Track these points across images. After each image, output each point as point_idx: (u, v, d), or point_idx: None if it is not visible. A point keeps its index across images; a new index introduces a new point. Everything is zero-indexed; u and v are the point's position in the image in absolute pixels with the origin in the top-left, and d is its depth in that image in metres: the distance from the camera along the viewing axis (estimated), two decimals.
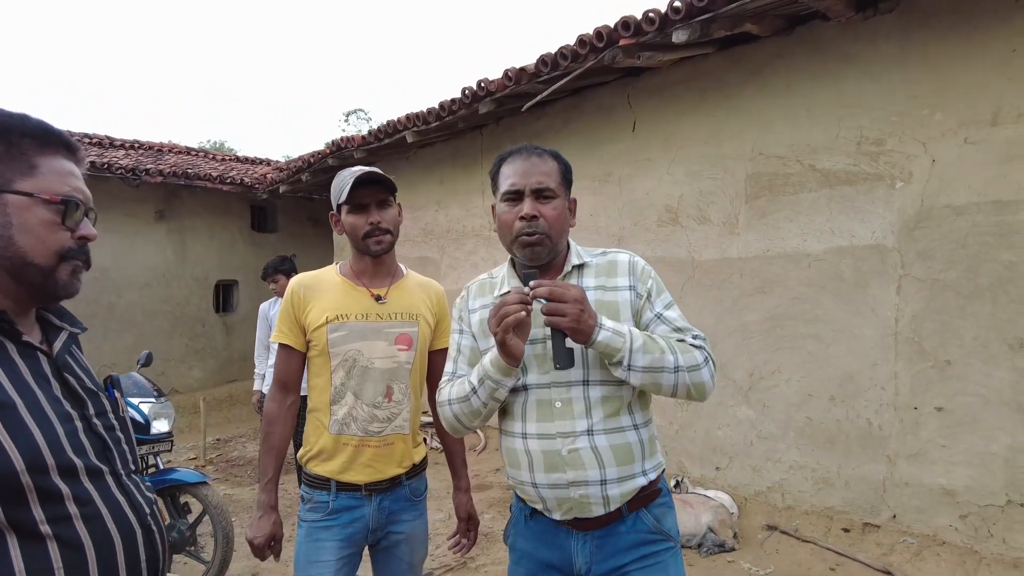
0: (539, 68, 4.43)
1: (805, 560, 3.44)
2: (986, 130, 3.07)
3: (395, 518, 1.81)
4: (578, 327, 1.27)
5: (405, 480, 1.83)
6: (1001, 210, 3.02)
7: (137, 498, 1.05)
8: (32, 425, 0.92)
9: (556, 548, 1.45)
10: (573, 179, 1.54)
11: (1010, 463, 3.00)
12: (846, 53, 3.54)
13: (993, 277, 3.05)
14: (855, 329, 3.54)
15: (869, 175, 3.46)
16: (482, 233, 6.23)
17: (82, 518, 0.95)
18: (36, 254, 0.98)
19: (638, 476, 1.42)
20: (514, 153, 1.49)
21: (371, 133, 6.61)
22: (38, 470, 0.90)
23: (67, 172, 1.02)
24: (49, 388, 0.99)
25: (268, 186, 9.02)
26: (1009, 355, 3.01)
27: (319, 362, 1.80)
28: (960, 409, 3.17)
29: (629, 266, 1.49)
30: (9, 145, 0.97)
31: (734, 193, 4.08)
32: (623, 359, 1.32)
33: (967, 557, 3.10)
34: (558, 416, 1.39)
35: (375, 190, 1.78)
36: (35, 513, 0.90)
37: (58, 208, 0.99)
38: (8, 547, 0.88)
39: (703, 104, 4.25)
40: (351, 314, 1.78)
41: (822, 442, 3.68)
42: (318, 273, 1.90)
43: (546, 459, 1.39)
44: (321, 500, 1.77)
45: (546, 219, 1.42)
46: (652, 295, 1.47)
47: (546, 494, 1.40)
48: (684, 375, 1.35)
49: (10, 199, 0.96)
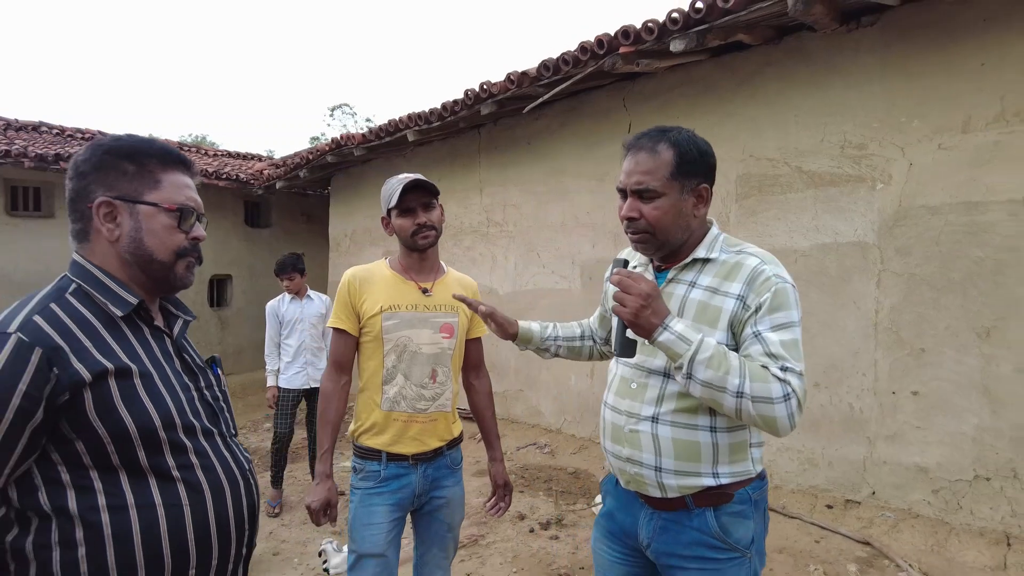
0: (541, 72, 4.64)
1: (792, 535, 3.71)
2: (958, 137, 3.34)
3: (438, 484, 2.04)
4: (636, 321, 1.29)
5: (446, 451, 2.07)
6: (971, 210, 3.30)
7: (239, 456, 1.27)
8: (164, 392, 1.14)
9: (630, 514, 1.53)
10: (696, 166, 1.44)
11: (977, 441, 3.29)
12: (831, 63, 3.80)
13: (964, 272, 3.33)
14: (838, 320, 3.81)
15: (852, 177, 3.73)
16: (480, 229, 6.43)
17: (201, 468, 1.16)
18: (159, 252, 1.19)
19: (704, 476, 1.41)
20: (632, 145, 1.47)
21: (371, 131, 6.76)
22: (169, 427, 1.12)
23: (183, 185, 1.23)
24: (173, 364, 1.22)
25: (264, 182, 9.13)
26: (977, 343, 3.29)
27: (372, 347, 2.02)
28: (934, 393, 3.45)
29: (751, 274, 1.39)
30: (140, 166, 1.18)
31: (725, 193, 4.33)
32: (683, 366, 1.29)
33: (938, 528, 3.38)
34: (631, 396, 1.47)
35: (420, 195, 2.00)
36: (168, 461, 1.12)
37: (175, 215, 1.20)
38: (149, 485, 1.09)
39: (696, 108, 4.49)
40: (402, 304, 2.01)
41: (808, 426, 3.95)
42: (370, 267, 2.12)
43: (613, 430, 1.50)
44: (372, 470, 1.99)
45: (647, 219, 1.41)
46: (761, 310, 1.36)
47: (611, 461, 1.53)
48: (748, 403, 1.27)
49: (140, 208, 1.18)
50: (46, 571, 1.03)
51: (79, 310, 1.10)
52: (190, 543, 1.12)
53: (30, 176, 8.36)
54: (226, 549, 1.19)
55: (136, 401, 1.09)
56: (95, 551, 1.04)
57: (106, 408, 1.05)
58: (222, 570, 1.19)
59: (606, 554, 1.61)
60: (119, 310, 1.14)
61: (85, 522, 1.04)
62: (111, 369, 1.07)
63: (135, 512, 1.07)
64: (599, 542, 1.64)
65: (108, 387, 1.06)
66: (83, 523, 1.04)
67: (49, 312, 1.07)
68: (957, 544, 3.28)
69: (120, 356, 1.10)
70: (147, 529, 1.07)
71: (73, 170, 1.18)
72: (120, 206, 1.16)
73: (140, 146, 1.20)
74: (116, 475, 1.07)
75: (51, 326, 1.05)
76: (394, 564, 1.99)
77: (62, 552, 1.03)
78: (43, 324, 1.04)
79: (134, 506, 1.07)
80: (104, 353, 1.08)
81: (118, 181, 1.17)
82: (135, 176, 1.18)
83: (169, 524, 1.09)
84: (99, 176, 1.17)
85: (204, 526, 1.14)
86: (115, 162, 1.17)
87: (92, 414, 1.04)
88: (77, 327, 1.08)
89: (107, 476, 1.06)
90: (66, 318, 1.08)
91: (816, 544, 3.57)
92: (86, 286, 1.14)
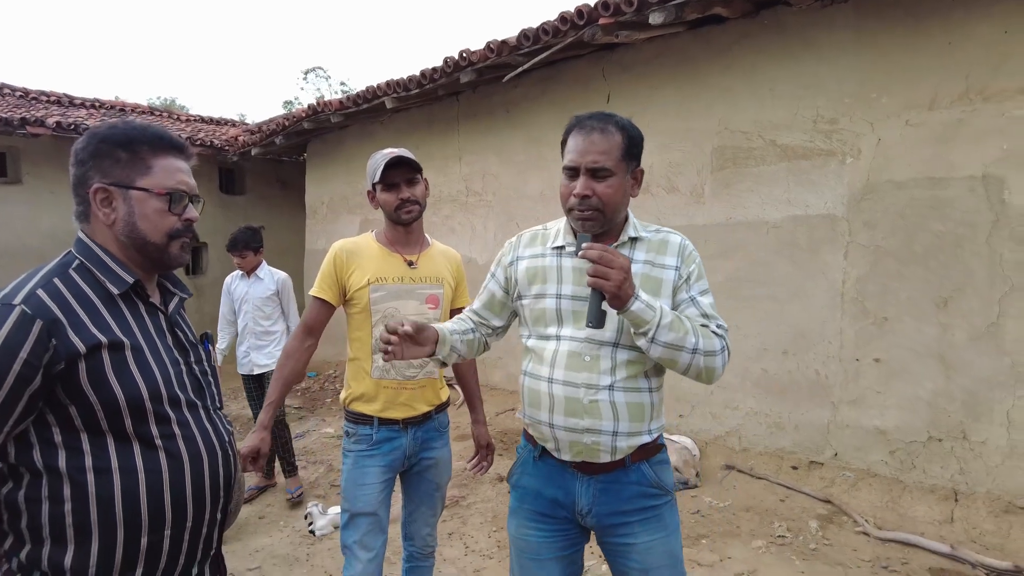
0: (521, 41, 4.64)
1: (758, 494, 3.90)
2: (925, 113, 3.45)
3: (427, 445, 2.16)
4: (618, 293, 1.36)
5: (434, 415, 2.17)
6: (935, 186, 3.43)
7: (220, 428, 1.35)
8: (154, 366, 1.22)
9: (562, 488, 1.58)
10: (638, 149, 1.56)
11: (932, 405, 3.48)
12: (806, 38, 3.87)
13: (926, 244, 3.47)
14: (807, 290, 3.95)
15: (823, 151, 3.83)
16: (459, 199, 6.45)
17: (182, 438, 1.24)
18: (152, 235, 1.26)
19: (644, 434, 1.54)
20: (580, 125, 1.53)
21: (349, 98, 6.69)
22: (156, 399, 1.20)
23: (175, 169, 1.28)
24: (165, 339, 1.30)
25: (239, 148, 8.99)
26: (936, 313, 3.46)
27: (360, 318, 2.10)
28: (894, 360, 3.62)
29: (679, 248, 1.58)
30: (133, 153, 1.24)
31: (701, 165, 4.41)
32: (649, 331, 1.41)
33: (893, 486, 3.59)
34: (586, 368, 1.52)
35: (403, 170, 2.06)
36: (152, 429, 1.20)
37: (165, 199, 1.26)
38: (133, 451, 1.18)
39: (673, 80, 4.53)
40: (389, 277, 2.08)
41: (776, 391, 4.12)
42: (357, 240, 2.19)
43: (567, 404, 1.52)
44: (364, 433, 2.08)
45: (599, 196, 1.48)
46: (692, 279, 1.56)
47: (560, 435, 1.54)
48: (700, 358, 1.44)
49: (133, 194, 1.24)
50: (35, 523, 1.13)
51: (80, 286, 1.18)
52: (166, 506, 1.20)
53: None
54: (200, 513, 1.27)
55: (126, 373, 1.17)
56: (79, 507, 1.12)
57: (98, 378, 1.13)
58: (196, 532, 1.27)
59: (535, 536, 1.63)
60: (116, 288, 1.22)
61: (72, 480, 1.12)
62: (104, 343, 1.15)
63: (118, 475, 1.15)
64: (524, 528, 1.65)
65: (101, 359, 1.14)
66: (71, 481, 1.12)
67: (52, 287, 1.15)
68: (910, 500, 3.49)
69: (114, 331, 1.18)
70: (127, 491, 1.15)
71: (74, 157, 1.25)
72: (115, 192, 1.23)
73: (132, 133, 1.26)
74: (104, 439, 1.15)
75: (52, 300, 1.13)
76: (385, 522, 2.11)
77: (50, 506, 1.12)
78: (45, 298, 1.12)
79: (117, 469, 1.15)
80: (100, 327, 1.16)
81: (112, 168, 1.23)
82: (128, 163, 1.24)
83: (148, 488, 1.18)
84: (95, 163, 1.23)
85: (180, 491, 1.22)
86: (109, 150, 1.23)
87: (85, 383, 1.12)
88: (76, 302, 1.16)
89: (95, 440, 1.14)
90: (67, 293, 1.16)
91: (781, 503, 3.77)
92: (88, 263, 1.22)
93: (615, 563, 1.61)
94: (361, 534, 2.05)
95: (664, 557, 1.55)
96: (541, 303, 1.60)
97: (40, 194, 8.49)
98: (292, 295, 4.51)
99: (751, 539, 3.37)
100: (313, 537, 3.64)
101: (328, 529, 3.67)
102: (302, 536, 3.67)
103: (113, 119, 1.36)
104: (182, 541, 1.25)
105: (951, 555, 3.04)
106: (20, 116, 7.83)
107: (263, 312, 4.33)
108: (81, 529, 1.13)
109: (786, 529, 3.43)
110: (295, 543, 3.59)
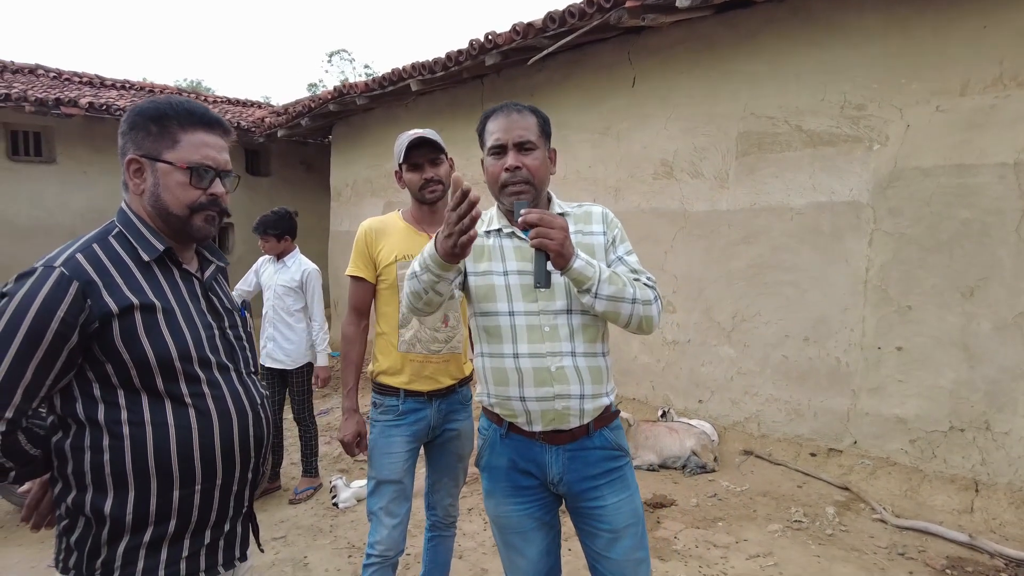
0: (547, 24, 4.64)
1: (776, 479, 3.92)
2: (955, 99, 3.40)
3: (451, 418, 2.22)
4: (562, 251, 1.45)
5: (458, 388, 2.24)
6: (962, 173, 3.38)
7: (252, 390, 1.41)
8: (184, 328, 1.29)
9: (532, 460, 1.65)
10: (552, 131, 1.71)
11: (954, 395, 3.46)
12: (834, 22, 3.82)
13: (951, 232, 3.44)
14: (829, 277, 3.94)
15: (849, 137, 3.79)
16: (480, 181, 6.44)
17: (211, 397, 1.30)
18: (174, 207, 1.30)
19: (603, 396, 1.65)
20: (497, 111, 1.65)
21: (374, 80, 6.73)
22: (185, 359, 1.27)
23: (202, 144, 1.31)
24: (198, 304, 1.36)
25: (266, 130, 9.09)
26: (960, 301, 3.43)
27: (388, 294, 2.18)
28: (916, 349, 3.60)
29: (602, 216, 1.71)
30: (163, 127, 1.29)
31: (726, 150, 4.39)
32: (592, 287, 1.51)
33: (913, 475, 3.59)
34: (548, 338, 1.60)
35: (426, 151, 2.13)
36: (182, 388, 1.26)
37: (187, 173, 1.29)
38: (164, 407, 1.25)
39: (699, 65, 4.50)
40: (415, 254, 2.11)
41: (795, 378, 4.12)
42: (385, 219, 2.26)
43: (536, 375, 1.59)
44: (391, 404, 2.16)
45: (528, 169, 1.59)
46: (616, 241, 1.69)
47: (532, 407, 1.60)
48: (639, 307, 1.56)
49: (159, 166, 1.29)
50: (79, 468, 1.22)
51: (117, 251, 1.26)
52: (196, 461, 1.26)
53: (30, 121, 8.33)
54: (230, 470, 1.32)
55: (157, 334, 1.23)
56: (116, 457, 1.21)
57: (130, 338, 1.21)
58: (227, 489, 1.33)
59: (515, 512, 1.68)
60: (148, 254, 1.28)
61: (111, 432, 1.21)
62: (136, 304, 1.22)
63: (150, 428, 1.23)
64: (503, 506, 1.69)
65: (133, 319, 1.21)
66: (109, 433, 1.21)
67: (90, 251, 1.23)
68: (929, 489, 3.49)
69: (147, 293, 1.25)
70: (159, 444, 1.23)
71: (119, 130, 1.33)
72: (145, 163, 1.29)
73: (165, 108, 1.30)
74: (138, 396, 1.23)
75: (89, 263, 1.21)
76: (409, 489, 2.19)
77: (91, 455, 1.21)
78: (83, 261, 1.20)
79: (150, 423, 1.23)
80: (133, 290, 1.23)
81: (144, 140, 1.29)
82: (157, 136, 1.29)
83: (178, 441, 1.24)
84: (132, 135, 1.30)
85: (210, 448, 1.28)
86: (143, 123, 1.29)
87: (119, 342, 1.20)
88: (112, 266, 1.23)
89: (131, 396, 1.23)
90: (104, 257, 1.23)
91: (798, 489, 3.79)
92: (125, 231, 1.29)
93: (585, 528, 1.69)
94: (387, 501, 2.13)
95: (630, 516, 1.66)
96: (488, 279, 1.65)
97: (72, 174, 8.69)
98: (319, 290, 4.21)
99: (767, 523, 3.40)
100: (336, 509, 3.74)
101: (351, 502, 3.76)
102: (326, 508, 3.78)
103: (163, 95, 1.40)
104: (212, 497, 1.30)
105: (969, 544, 3.04)
106: (54, 97, 8.00)
107: (283, 302, 4.10)
108: (119, 477, 1.21)
109: (803, 514, 3.45)
110: (319, 515, 3.70)
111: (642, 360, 4.99)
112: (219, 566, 1.35)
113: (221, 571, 1.35)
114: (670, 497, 3.73)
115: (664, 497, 3.73)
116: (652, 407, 4.87)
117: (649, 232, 4.78)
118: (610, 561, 1.65)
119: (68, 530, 1.24)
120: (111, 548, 1.22)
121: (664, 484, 3.93)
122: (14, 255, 7.92)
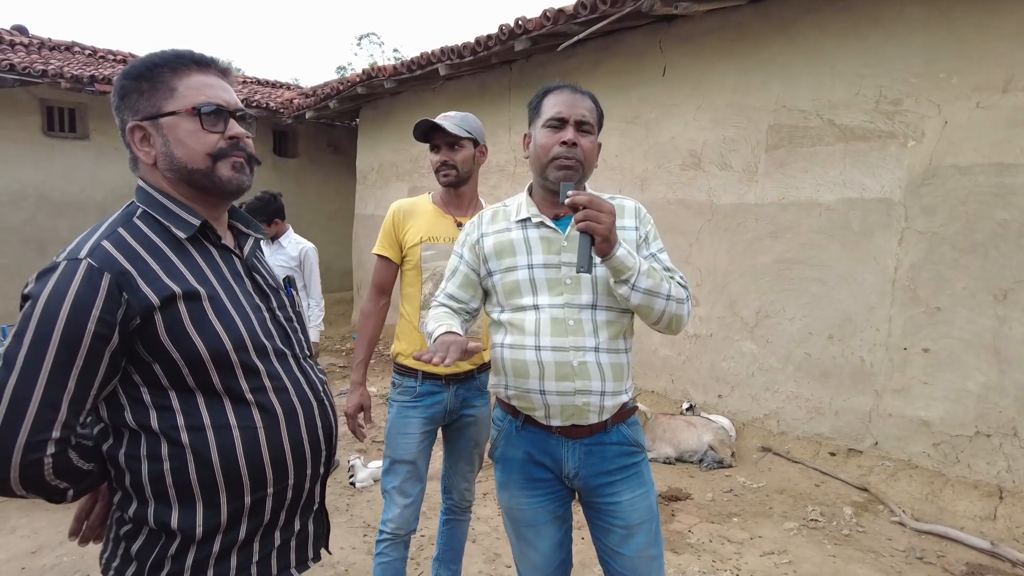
0: (578, 10, 4.58)
1: (793, 477, 3.89)
2: (997, 96, 3.30)
3: (468, 403, 2.23)
4: (609, 236, 1.42)
5: (476, 374, 2.24)
6: (1002, 172, 3.29)
7: (312, 377, 1.27)
8: (234, 314, 1.14)
9: (548, 453, 1.63)
10: (603, 122, 1.69)
11: (982, 399, 3.39)
12: (873, 14, 3.72)
13: (987, 233, 3.35)
14: (857, 275, 3.86)
15: (883, 133, 3.70)
16: (506, 168, 6.46)
17: (273, 390, 1.16)
18: (192, 160, 1.14)
19: (622, 393, 1.62)
20: (560, 87, 1.62)
21: (402, 64, 6.72)
22: (241, 349, 1.12)
23: (201, 84, 1.15)
24: (243, 284, 1.20)
25: (294, 111, 9.14)
26: (993, 305, 3.34)
27: (412, 275, 2.20)
28: (944, 351, 3.53)
29: (635, 211, 1.68)
30: (153, 80, 1.14)
31: (755, 142, 4.32)
32: (630, 278, 1.48)
33: (935, 479, 3.52)
34: (571, 332, 1.57)
35: (442, 134, 2.13)
36: (241, 383, 1.12)
37: (195, 116, 1.13)
38: (224, 407, 1.11)
39: (732, 54, 4.42)
40: (440, 237, 2.16)
41: (818, 376, 4.06)
42: (415, 200, 2.28)
43: (558, 369, 1.56)
44: (409, 386, 2.17)
45: (583, 149, 1.56)
46: (650, 238, 1.66)
47: (552, 400, 1.57)
48: (672, 305, 1.54)
49: (163, 122, 1.13)
50: (136, 481, 1.08)
51: (146, 234, 1.10)
52: (266, 464, 1.13)
53: (65, 97, 8.47)
54: (302, 470, 1.20)
55: (206, 324, 1.09)
56: (179, 466, 1.07)
57: (177, 331, 1.06)
58: (298, 490, 1.21)
59: (528, 505, 1.67)
60: (183, 232, 1.13)
61: (169, 439, 1.07)
62: (179, 293, 1.07)
63: (212, 432, 1.09)
64: (516, 498, 1.68)
65: (177, 311, 1.07)
66: (167, 440, 1.07)
67: (117, 237, 1.07)
68: (951, 494, 3.43)
69: (188, 279, 1.10)
70: (224, 450, 1.09)
71: (112, 107, 1.18)
72: (147, 126, 1.14)
73: (150, 60, 1.15)
74: (193, 396, 1.09)
75: (119, 250, 1.05)
76: (423, 470, 2.21)
77: (149, 465, 1.07)
78: (111, 248, 1.05)
79: (211, 427, 1.09)
80: (172, 276, 1.08)
81: (139, 102, 1.14)
82: (151, 92, 1.14)
83: (244, 445, 1.11)
84: (125, 104, 1.15)
85: (279, 448, 1.15)
86: (133, 85, 1.14)
87: (164, 337, 1.06)
88: (144, 250, 1.08)
89: (184, 397, 1.09)
90: (133, 242, 1.08)
91: (816, 488, 3.75)
92: (150, 210, 1.14)
93: (599, 524, 1.67)
94: (400, 480, 2.15)
95: (645, 512, 1.64)
96: (513, 275, 1.63)
97: (105, 150, 8.83)
98: (316, 268, 4.24)
99: (783, 520, 3.37)
100: (353, 489, 3.79)
101: (368, 482, 3.81)
102: (343, 487, 3.82)
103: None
104: (284, 498, 1.19)
105: (991, 551, 2.99)
106: (89, 74, 8.11)
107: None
108: (183, 490, 1.08)
109: (819, 513, 3.42)
110: (336, 493, 3.74)
111: (662, 353, 4.96)
112: (291, 568, 1.24)
113: (294, 573, 1.25)
114: (686, 491, 3.72)
115: (680, 491, 3.71)
116: (671, 400, 4.85)
117: (675, 224, 4.73)
118: (623, 557, 1.63)
119: (130, 537, 1.11)
120: (177, 562, 1.10)
121: (680, 478, 3.91)
122: (51, 228, 8.12)
